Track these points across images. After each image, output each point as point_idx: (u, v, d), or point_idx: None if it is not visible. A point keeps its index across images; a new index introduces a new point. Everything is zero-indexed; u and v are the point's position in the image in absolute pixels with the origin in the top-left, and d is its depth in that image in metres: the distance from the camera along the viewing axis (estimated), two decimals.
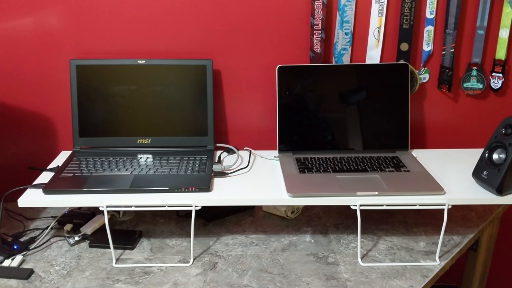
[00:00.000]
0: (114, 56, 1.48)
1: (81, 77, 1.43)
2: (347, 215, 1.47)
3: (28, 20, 1.43)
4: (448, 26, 1.45)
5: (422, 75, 1.51)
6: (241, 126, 1.57)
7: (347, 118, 1.45)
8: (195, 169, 1.33)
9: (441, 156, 1.47)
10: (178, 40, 1.47)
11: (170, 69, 1.44)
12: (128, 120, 1.45)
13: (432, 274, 1.21)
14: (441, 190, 1.23)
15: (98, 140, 1.45)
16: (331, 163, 1.37)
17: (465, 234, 1.37)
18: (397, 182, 1.27)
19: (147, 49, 1.48)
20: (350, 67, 1.45)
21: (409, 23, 1.45)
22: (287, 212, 1.45)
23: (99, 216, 1.42)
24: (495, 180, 1.21)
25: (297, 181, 1.28)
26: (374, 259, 1.27)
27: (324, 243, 1.34)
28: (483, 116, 1.57)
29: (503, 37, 1.46)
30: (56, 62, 1.48)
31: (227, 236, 1.38)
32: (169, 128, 1.46)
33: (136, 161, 1.37)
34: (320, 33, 1.45)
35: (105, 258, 1.28)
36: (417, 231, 1.39)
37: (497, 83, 1.50)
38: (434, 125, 1.58)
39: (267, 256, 1.29)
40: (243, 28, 1.47)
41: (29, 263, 1.26)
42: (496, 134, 1.25)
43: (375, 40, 1.47)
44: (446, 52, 1.48)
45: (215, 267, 1.24)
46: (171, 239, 1.36)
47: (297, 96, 1.44)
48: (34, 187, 1.27)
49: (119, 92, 1.44)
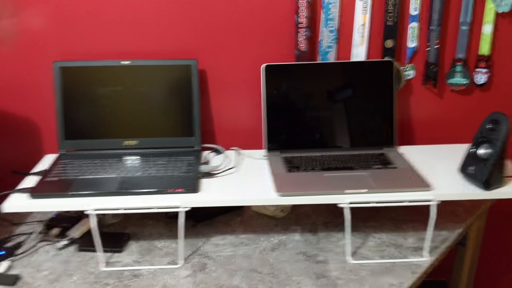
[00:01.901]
0: (99, 57, 1.46)
1: (65, 79, 1.41)
2: (336, 213, 1.47)
3: (10, 22, 1.41)
4: (432, 23, 1.46)
5: (407, 71, 1.52)
6: (228, 126, 1.56)
7: (334, 116, 1.45)
8: (182, 170, 1.32)
9: (428, 152, 1.48)
10: (163, 40, 1.46)
11: (155, 70, 1.43)
12: (114, 122, 1.44)
13: (422, 270, 1.21)
14: (429, 186, 1.23)
15: (84, 142, 1.43)
16: (319, 161, 1.37)
17: (453, 229, 1.38)
18: (384, 179, 1.27)
19: (131, 49, 1.46)
20: (335, 65, 1.45)
21: (393, 20, 1.45)
22: (276, 211, 1.45)
23: (87, 219, 1.40)
24: (482, 175, 1.22)
25: (286, 180, 1.27)
26: (363, 256, 1.27)
27: (314, 242, 1.34)
28: (469, 111, 1.58)
29: (486, 33, 1.47)
30: (39, 64, 1.46)
31: (217, 236, 1.37)
32: (155, 129, 1.45)
33: (123, 163, 1.36)
34: (305, 31, 1.44)
35: (94, 262, 1.27)
36: (406, 227, 1.40)
37: (481, 79, 1.52)
38: (421, 121, 1.59)
39: (257, 255, 1.29)
40: (228, 27, 1.46)
41: (15, 268, 1.24)
42: (482, 129, 1.25)
43: (360, 38, 1.48)
44: (431, 49, 1.49)
45: (205, 268, 1.24)
46: (160, 241, 1.35)
47: (283, 95, 1.44)
48: (19, 192, 1.25)
49: (104, 94, 1.42)
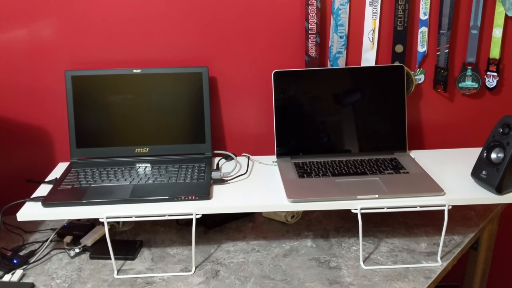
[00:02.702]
0: (110, 65, 1.47)
1: (76, 88, 1.42)
2: (347, 218, 1.47)
3: (22, 32, 1.43)
4: (442, 27, 1.46)
5: (417, 76, 1.52)
6: (239, 132, 1.57)
7: (345, 121, 1.45)
8: (194, 177, 1.33)
9: (439, 156, 1.48)
10: (173, 48, 1.47)
11: (166, 78, 1.44)
12: (125, 130, 1.44)
13: (435, 275, 1.21)
14: (441, 191, 1.23)
15: (96, 150, 1.44)
16: (330, 166, 1.37)
17: (465, 234, 1.37)
18: (396, 184, 1.27)
19: (142, 58, 1.47)
20: (345, 70, 1.45)
21: (403, 25, 1.45)
22: (287, 217, 1.45)
23: (99, 227, 1.41)
24: (494, 180, 1.21)
25: (297, 186, 1.27)
26: (376, 262, 1.27)
27: (326, 247, 1.34)
28: (479, 115, 1.57)
29: (496, 36, 1.47)
30: (51, 73, 1.47)
31: (228, 243, 1.38)
32: (166, 136, 1.45)
33: (134, 171, 1.37)
34: (314, 37, 1.45)
35: (106, 269, 1.27)
36: (418, 232, 1.39)
37: (492, 82, 1.51)
38: (431, 126, 1.58)
39: (269, 262, 1.29)
40: (238, 34, 1.46)
41: (29, 277, 1.25)
42: (494, 133, 1.25)
43: (370, 43, 1.48)
44: (441, 53, 1.49)
45: (218, 275, 1.24)
46: (172, 248, 1.36)
47: (293, 101, 1.44)
48: (32, 200, 1.26)
49: (115, 102, 1.43)
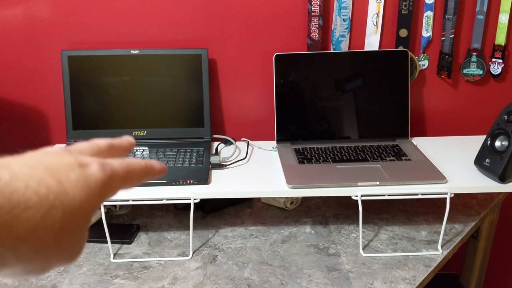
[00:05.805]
0: (107, 46, 1.44)
1: (73, 69, 1.39)
2: (347, 205, 1.45)
3: (17, 10, 1.39)
4: (448, 12, 1.43)
5: (421, 61, 1.49)
6: (238, 116, 1.54)
7: (346, 107, 1.42)
8: (192, 161, 1.30)
9: (441, 143, 1.46)
10: (172, 29, 1.44)
11: (165, 59, 1.41)
12: (122, 112, 1.42)
13: (435, 263, 1.20)
14: (443, 179, 1.21)
15: (92, 132, 1.42)
16: (331, 153, 1.35)
17: (466, 222, 1.36)
18: (398, 171, 1.25)
19: (140, 38, 1.44)
20: (348, 54, 1.42)
21: (408, 9, 1.42)
22: (286, 203, 1.43)
23: None
24: (497, 168, 1.19)
25: (297, 172, 1.25)
26: (375, 249, 1.25)
27: (325, 234, 1.32)
28: (483, 102, 1.55)
29: (502, 22, 1.44)
30: (47, 53, 1.44)
31: (226, 228, 1.36)
32: (164, 119, 1.43)
33: (132, 154, 1.35)
34: (317, 20, 1.42)
35: (103, 253, 1.26)
36: (418, 220, 1.38)
37: (497, 69, 1.48)
38: (434, 112, 1.56)
39: (267, 248, 1.27)
40: (239, 16, 1.43)
41: None
42: (498, 121, 1.23)
43: (374, 27, 1.45)
44: (446, 38, 1.46)
45: (215, 260, 1.22)
46: (169, 233, 1.34)
47: (294, 85, 1.41)
48: None
49: (112, 83, 1.40)
